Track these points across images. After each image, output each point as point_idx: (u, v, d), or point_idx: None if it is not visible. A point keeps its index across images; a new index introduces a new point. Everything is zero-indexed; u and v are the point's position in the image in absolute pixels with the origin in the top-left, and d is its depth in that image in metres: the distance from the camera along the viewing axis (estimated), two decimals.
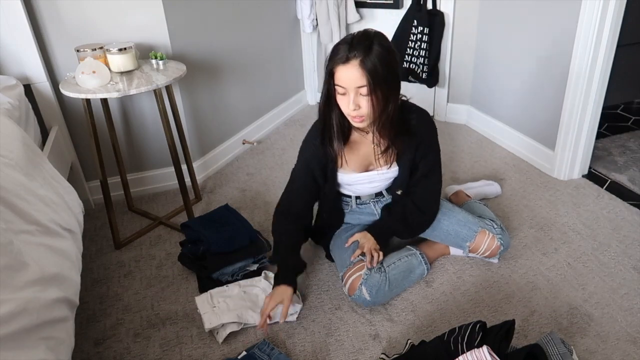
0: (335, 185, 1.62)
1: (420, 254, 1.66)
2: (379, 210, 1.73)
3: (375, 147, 1.52)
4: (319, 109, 1.45)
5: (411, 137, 1.50)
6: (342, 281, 1.60)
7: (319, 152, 1.52)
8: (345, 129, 1.49)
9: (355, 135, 1.54)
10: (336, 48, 1.32)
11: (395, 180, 1.63)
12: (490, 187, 2.14)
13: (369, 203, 1.72)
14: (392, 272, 1.58)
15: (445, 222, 1.68)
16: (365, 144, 1.54)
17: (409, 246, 1.69)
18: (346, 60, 1.28)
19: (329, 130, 1.47)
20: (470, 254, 1.73)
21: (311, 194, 1.63)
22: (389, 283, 1.56)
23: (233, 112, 2.58)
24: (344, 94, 1.33)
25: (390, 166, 1.56)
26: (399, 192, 1.65)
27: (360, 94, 1.31)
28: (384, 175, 1.59)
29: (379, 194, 1.70)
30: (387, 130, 1.45)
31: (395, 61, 1.35)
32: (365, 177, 1.59)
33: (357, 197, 1.71)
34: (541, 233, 1.91)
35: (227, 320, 1.51)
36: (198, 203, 2.24)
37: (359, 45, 1.27)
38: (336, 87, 1.33)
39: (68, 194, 1.51)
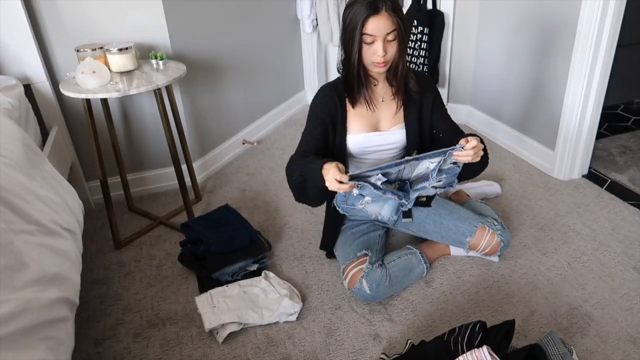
0: (345, 139, 1.57)
1: (420, 253, 1.66)
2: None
3: (383, 100, 1.57)
4: (346, 64, 1.49)
5: (416, 89, 1.57)
6: (343, 274, 1.61)
7: (330, 101, 1.54)
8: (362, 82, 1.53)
9: (372, 85, 1.57)
10: (359, 1, 1.38)
11: (407, 144, 1.61)
12: (490, 187, 2.14)
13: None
14: (392, 268, 1.59)
15: (447, 217, 1.68)
16: (379, 94, 1.58)
17: (409, 246, 1.70)
18: (377, 10, 1.36)
19: (361, 81, 1.51)
20: (471, 252, 1.73)
21: (323, 144, 1.58)
22: (390, 279, 1.57)
23: (233, 112, 2.58)
24: (371, 43, 1.41)
25: (399, 124, 1.59)
26: (414, 154, 1.54)
27: (388, 40, 1.40)
28: (391, 136, 1.59)
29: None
30: (399, 76, 1.52)
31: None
32: (374, 137, 1.58)
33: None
34: (541, 233, 1.91)
35: (227, 320, 1.51)
36: (198, 203, 2.24)
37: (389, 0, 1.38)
38: (364, 36, 1.39)
39: (68, 194, 1.51)
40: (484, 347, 1.17)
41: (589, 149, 2.22)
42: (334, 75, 3.15)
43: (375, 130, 1.59)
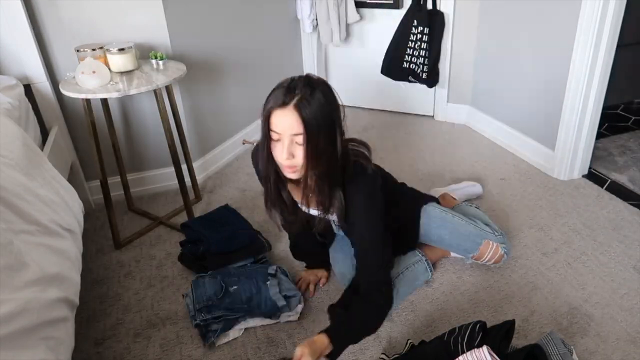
0: (299, 215, 1.46)
1: (425, 260, 1.63)
2: None
3: (304, 198, 1.33)
4: (257, 154, 1.31)
5: (345, 200, 1.32)
6: None
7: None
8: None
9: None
10: (275, 90, 1.21)
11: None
12: (473, 188, 2.13)
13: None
14: (399, 283, 1.55)
15: (447, 237, 1.63)
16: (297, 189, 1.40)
17: (415, 251, 1.67)
18: (283, 104, 1.17)
19: (267, 182, 1.35)
20: (473, 262, 1.72)
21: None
22: (398, 294, 1.53)
23: (233, 112, 2.58)
24: (278, 140, 1.21)
25: (326, 215, 1.38)
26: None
27: (296, 142, 1.19)
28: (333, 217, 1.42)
29: None
30: (319, 187, 1.29)
31: (338, 115, 1.22)
32: (314, 213, 1.43)
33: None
34: (541, 233, 1.90)
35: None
36: (198, 203, 2.24)
37: (298, 89, 1.18)
38: (271, 132, 1.22)
39: (68, 194, 1.51)
40: (484, 347, 1.17)
41: (589, 149, 2.22)
42: (334, 75, 3.15)
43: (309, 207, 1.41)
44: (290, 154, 1.20)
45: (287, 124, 1.17)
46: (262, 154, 1.27)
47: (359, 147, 1.35)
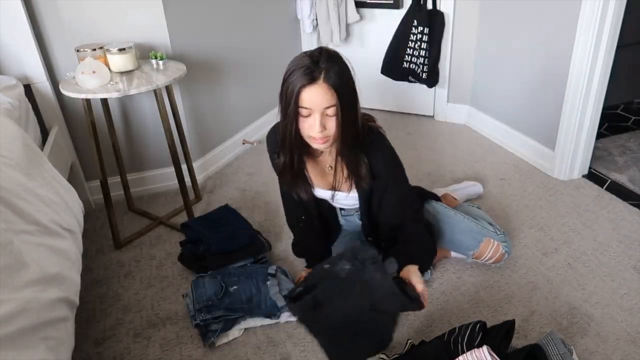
0: (312, 193, 1.50)
1: None
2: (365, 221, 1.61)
3: (330, 169, 1.42)
4: (283, 132, 1.31)
5: (367, 164, 1.38)
6: None
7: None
8: (304, 150, 1.38)
9: (316, 152, 1.43)
10: (295, 70, 1.21)
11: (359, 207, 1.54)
12: (474, 188, 2.13)
13: (353, 215, 1.69)
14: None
15: (449, 232, 1.65)
16: (315, 165, 1.46)
17: None
18: (312, 80, 1.18)
19: (285, 151, 1.35)
20: (474, 261, 1.72)
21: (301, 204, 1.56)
22: None
23: (233, 112, 2.58)
24: (308, 116, 1.23)
25: (349, 192, 1.46)
26: (365, 221, 1.56)
27: (327, 114, 1.22)
28: (346, 200, 1.51)
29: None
30: (347, 152, 1.34)
31: (353, 79, 1.27)
32: (330, 195, 1.50)
33: (342, 209, 1.68)
34: (541, 233, 1.91)
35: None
36: (198, 203, 2.24)
37: (322, 64, 1.20)
38: (300, 109, 1.22)
39: (68, 194, 1.51)
40: (484, 347, 1.17)
41: (589, 149, 2.22)
42: None
43: (334, 189, 1.48)
44: (322, 126, 1.23)
45: (320, 99, 1.20)
46: (289, 133, 1.28)
47: (364, 113, 1.40)
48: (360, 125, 1.33)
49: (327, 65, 1.20)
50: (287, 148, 1.33)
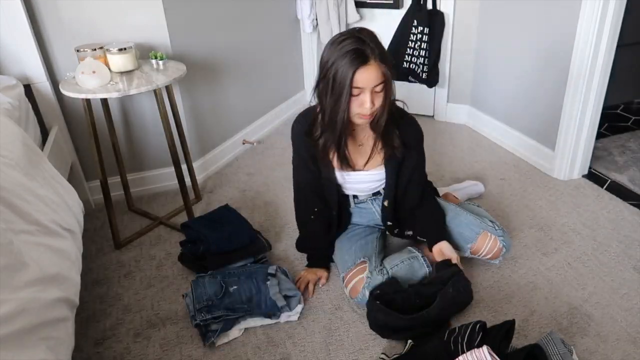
0: (333, 178, 1.60)
1: (422, 256, 1.64)
2: (378, 209, 1.72)
3: (361, 146, 1.52)
4: (328, 118, 1.40)
5: (400, 137, 1.51)
6: (343, 282, 1.60)
7: (309, 147, 1.54)
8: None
9: (349, 130, 1.53)
10: (345, 55, 1.27)
11: (384, 187, 1.64)
12: (475, 187, 2.14)
13: (366, 201, 1.72)
14: (395, 274, 1.57)
15: (448, 225, 1.68)
16: (352, 143, 1.54)
17: (410, 248, 1.68)
18: (366, 60, 1.27)
19: (335, 132, 1.42)
20: (471, 257, 1.72)
21: (320, 186, 1.63)
22: None
23: (233, 112, 2.58)
24: (358, 95, 1.32)
25: (376, 169, 1.56)
26: (385, 204, 1.64)
27: (375, 91, 1.32)
28: (372, 176, 1.59)
29: (376, 193, 1.70)
30: (383, 126, 1.45)
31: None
32: (353, 176, 1.58)
33: (355, 197, 1.71)
34: (541, 233, 1.91)
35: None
36: (198, 203, 2.24)
37: (372, 44, 1.28)
38: (353, 89, 1.31)
39: (68, 194, 1.51)
40: (484, 347, 1.17)
41: (589, 149, 2.22)
42: None
43: (354, 170, 1.57)
44: (372, 103, 1.32)
45: (373, 77, 1.29)
46: (342, 113, 1.35)
47: None
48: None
49: (374, 45, 1.28)
50: (337, 129, 1.40)
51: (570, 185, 2.21)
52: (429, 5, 2.60)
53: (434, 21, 2.60)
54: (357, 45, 1.27)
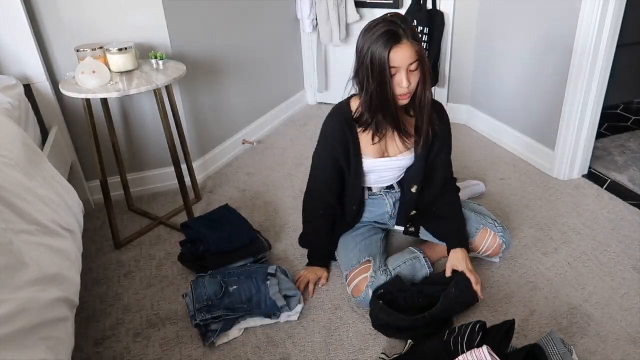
0: (361, 172, 1.60)
1: (424, 257, 1.65)
2: (391, 202, 1.73)
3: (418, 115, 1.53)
4: (375, 103, 1.41)
5: (434, 123, 1.54)
6: (346, 281, 1.60)
7: (343, 136, 1.52)
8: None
9: None
10: (377, 39, 1.32)
11: (409, 170, 1.64)
12: (477, 187, 2.14)
13: (381, 194, 1.73)
14: (397, 275, 1.57)
15: None
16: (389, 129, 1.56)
17: (412, 248, 1.69)
18: (399, 40, 1.32)
19: (390, 110, 1.43)
20: (472, 254, 1.72)
21: (338, 184, 1.63)
22: None
23: (233, 112, 2.58)
24: (394, 75, 1.36)
25: (407, 152, 1.59)
26: (413, 190, 1.65)
27: (410, 70, 1.36)
28: (399, 162, 1.60)
29: (389, 187, 1.71)
30: (423, 107, 1.47)
31: None
32: (380, 163, 1.59)
33: (369, 189, 1.72)
34: (541, 233, 1.91)
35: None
36: (198, 203, 2.24)
37: (403, 25, 1.34)
38: (391, 69, 1.35)
39: (68, 194, 1.51)
40: (484, 347, 1.17)
41: (589, 149, 2.22)
42: (334, 75, 3.15)
43: (383, 156, 1.59)
44: (408, 81, 1.36)
45: (407, 55, 1.33)
46: (389, 96, 1.38)
47: None
48: None
49: (405, 26, 1.33)
50: (391, 107, 1.41)
51: (570, 185, 2.21)
52: (429, 5, 2.60)
53: (434, 21, 2.60)
54: (389, 27, 1.33)
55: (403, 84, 1.36)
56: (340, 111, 1.54)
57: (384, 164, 1.60)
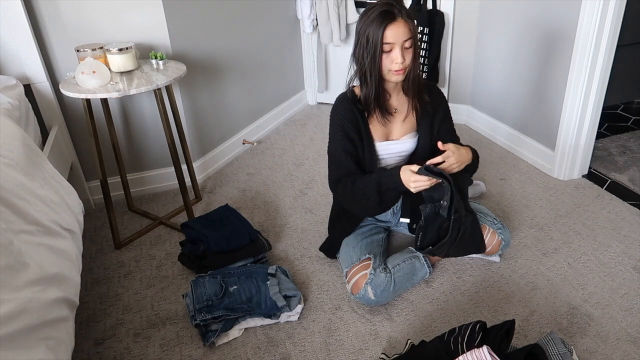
0: (374, 155, 1.60)
1: (423, 256, 1.65)
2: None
3: (396, 112, 1.59)
4: (365, 77, 1.48)
5: (428, 99, 1.59)
6: (346, 278, 1.61)
7: (352, 115, 1.54)
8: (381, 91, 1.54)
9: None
10: (372, 17, 1.39)
11: (416, 151, 1.65)
12: (478, 187, 2.15)
13: None
14: (397, 273, 1.58)
15: None
16: (392, 106, 1.60)
17: (411, 248, 1.69)
18: (394, 17, 1.39)
19: (378, 92, 1.50)
20: (472, 253, 1.73)
21: (357, 158, 1.60)
22: (394, 284, 1.56)
23: (233, 112, 2.58)
24: (389, 51, 1.42)
25: (409, 133, 1.62)
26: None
27: (404, 47, 1.42)
28: (403, 145, 1.62)
29: None
30: (415, 84, 1.54)
31: None
32: (387, 145, 1.61)
33: None
34: (541, 233, 1.91)
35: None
36: (198, 203, 2.24)
37: (397, 5, 1.41)
38: (384, 45, 1.41)
39: (68, 194, 1.51)
40: (484, 347, 1.17)
41: (589, 149, 2.22)
42: (334, 75, 3.15)
43: (387, 140, 1.61)
44: (402, 57, 1.42)
45: (401, 32, 1.39)
46: (375, 69, 1.44)
47: None
48: None
49: (400, 6, 1.41)
50: (373, 84, 1.48)
51: (570, 185, 2.21)
52: (429, 5, 2.60)
53: (434, 21, 2.60)
54: (384, 7, 1.39)
55: (398, 60, 1.41)
56: (346, 96, 1.58)
57: (390, 147, 1.62)
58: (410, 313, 1.57)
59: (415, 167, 1.42)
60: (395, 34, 1.39)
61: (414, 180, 1.40)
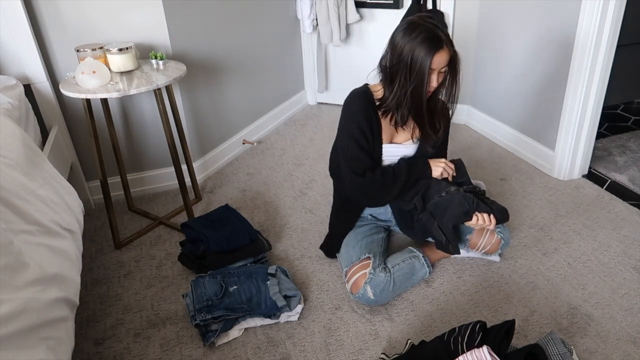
0: (381, 154, 1.62)
1: (423, 256, 1.65)
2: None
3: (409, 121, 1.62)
4: (405, 96, 1.50)
5: (439, 114, 1.63)
6: (345, 278, 1.61)
7: (368, 115, 1.55)
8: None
9: None
10: (422, 43, 1.41)
11: (414, 156, 1.67)
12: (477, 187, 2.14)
13: None
14: (396, 272, 1.58)
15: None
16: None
17: (411, 248, 1.69)
18: (442, 47, 1.42)
19: (421, 105, 1.53)
20: (471, 252, 1.73)
21: (371, 155, 1.61)
22: (394, 284, 1.56)
23: (233, 112, 2.58)
24: (430, 75, 1.46)
25: (411, 141, 1.65)
26: None
27: (440, 71, 1.48)
28: (404, 150, 1.65)
29: None
30: (435, 101, 1.60)
31: None
32: (388, 148, 1.62)
33: None
34: (541, 233, 1.91)
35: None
36: (198, 203, 2.24)
37: (443, 30, 1.44)
38: (431, 70, 1.46)
39: (68, 194, 1.51)
40: (484, 347, 1.17)
41: (589, 149, 2.22)
42: (334, 75, 3.15)
43: (390, 142, 1.63)
44: (438, 81, 1.49)
45: (444, 60, 1.45)
46: (422, 92, 1.48)
47: None
48: None
49: (445, 33, 1.44)
50: (422, 103, 1.51)
51: (570, 185, 2.21)
52: (429, 5, 2.60)
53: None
54: (433, 32, 1.41)
55: (433, 84, 1.48)
56: (362, 93, 1.59)
57: (392, 149, 1.63)
58: (410, 313, 1.57)
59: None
60: (439, 61, 1.43)
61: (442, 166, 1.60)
